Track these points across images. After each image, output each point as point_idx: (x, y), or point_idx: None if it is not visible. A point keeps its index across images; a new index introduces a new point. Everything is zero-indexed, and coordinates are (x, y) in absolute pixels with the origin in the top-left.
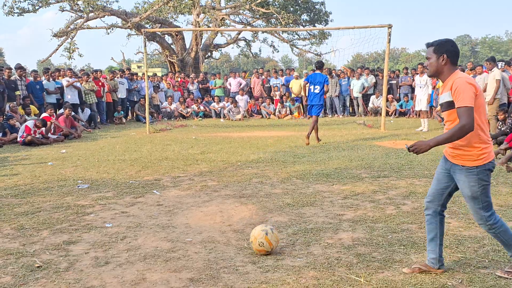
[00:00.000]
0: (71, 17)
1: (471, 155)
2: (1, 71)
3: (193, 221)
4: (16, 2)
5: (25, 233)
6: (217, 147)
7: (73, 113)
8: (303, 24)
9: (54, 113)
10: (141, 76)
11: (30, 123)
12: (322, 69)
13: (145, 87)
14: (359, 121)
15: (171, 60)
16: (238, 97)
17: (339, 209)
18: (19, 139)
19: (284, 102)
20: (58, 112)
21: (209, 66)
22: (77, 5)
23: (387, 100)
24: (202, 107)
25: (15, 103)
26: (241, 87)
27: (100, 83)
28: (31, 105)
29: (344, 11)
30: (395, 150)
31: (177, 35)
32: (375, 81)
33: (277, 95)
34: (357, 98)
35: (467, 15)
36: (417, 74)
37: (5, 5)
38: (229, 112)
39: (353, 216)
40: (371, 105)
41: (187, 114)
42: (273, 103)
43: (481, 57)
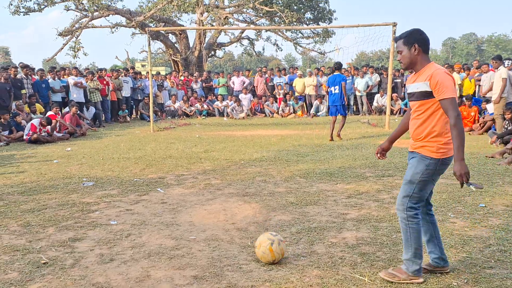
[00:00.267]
0: (76, 16)
1: (431, 146)
2: (7, 69)
3: (197, 219)
4: (22, 1)
5: (31, 230)
6: (221, 145)
7: (78, 111)
8: (307, 22)
9: (59, 112)
10: (145, 75)
11: (35, 121)
12: (340, 70)
13: (149, 86)
14: (363, 119)
15: (175, 59)
16: (241, 96)
17: (343, 208)
18: (25, 137)
19: (287, 100)
20: (63, 110)
21: (212, 64)
22: (82, 4)
23: (392, 98)
24: (205, 106)
25: (21, 102)
26: (245, 85)
27: (104, 82)
28: (36, 104)
29: (348, 10)
30: (400, 149)
31: (180, 34)
32: (379, 79)
33: (281, 94)
34: (362, 96)
35: (473, 13)
36: None
37: (11, 5)
38: (233, 110)
39: (357, 215)
40: (375, 103)
41: (190, 112)
42: (276, 101)
43: (487, 56)
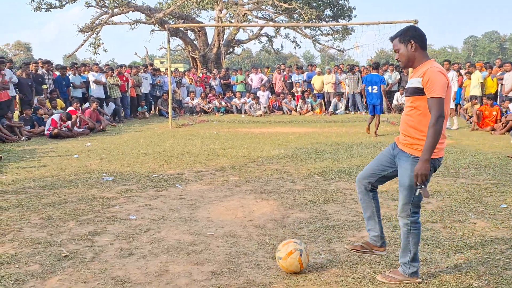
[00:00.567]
0: (97, 12)
1: (422, 145)
2: (29, 65)
3: (215, 215)
4: None
5: (53, 223)
6: (238, 142)
7: (98, 107)
8: (326, 19)
9: (79, 107)
10: (164, 71)
11: (56, 117)
12: (378, 70)
13: (168, 82)
14: (383, 118)
15: (194, 55)
16: (259, 93)
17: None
18: (46, 132)
19: (305, 98)
20: (83, 106)
21: (230, 62)
22: (103, 0)
23: None
24: (223, 103)
25: (43, 97)
26: (263, 83)
27: (124, 78)
28: (57, 99)
29: (367, 7)
30: None
31: (199, 31)
32: (399, 77)
33: (299, 91)
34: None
35: (496, 11)
36: None
37: (33, 1)
38: (250, 108)
39: None
40: (395, 102)
41: (208, 109)
42: (294, 99)
43: (510, 54)
